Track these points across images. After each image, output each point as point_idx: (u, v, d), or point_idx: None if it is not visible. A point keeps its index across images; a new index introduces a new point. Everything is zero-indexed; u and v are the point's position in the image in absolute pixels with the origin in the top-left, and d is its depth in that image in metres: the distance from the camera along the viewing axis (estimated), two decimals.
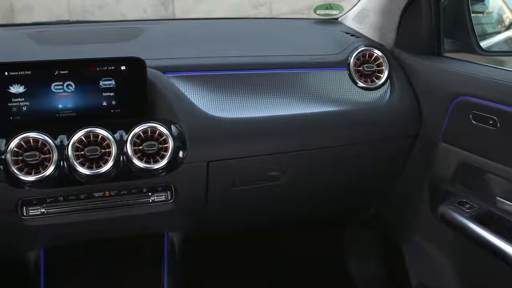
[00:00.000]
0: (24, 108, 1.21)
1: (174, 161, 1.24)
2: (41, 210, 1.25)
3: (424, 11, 1.47)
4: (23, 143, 1.16)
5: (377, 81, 1.45)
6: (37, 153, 1.16)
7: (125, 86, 1.24)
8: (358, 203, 1.71)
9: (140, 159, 1.21)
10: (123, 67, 1.24)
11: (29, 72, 1.20)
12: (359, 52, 1.46)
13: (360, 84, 1.44)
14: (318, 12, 1.73)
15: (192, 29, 1.73)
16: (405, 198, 1.61)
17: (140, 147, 1.21)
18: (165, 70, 1.32)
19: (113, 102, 1.25)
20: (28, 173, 1.16)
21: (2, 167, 1.16)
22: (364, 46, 1.48)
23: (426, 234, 1.56)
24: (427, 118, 1.44)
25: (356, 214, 1.83)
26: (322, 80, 1.42)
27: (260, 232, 1.84)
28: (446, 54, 1.51)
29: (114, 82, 1.24)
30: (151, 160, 1.22)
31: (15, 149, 1.16)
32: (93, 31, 1.65)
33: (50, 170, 1.17)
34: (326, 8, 1.72)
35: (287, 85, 1.39)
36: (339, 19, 1.76)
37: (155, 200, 1.31)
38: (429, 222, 1.50)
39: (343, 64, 1.45)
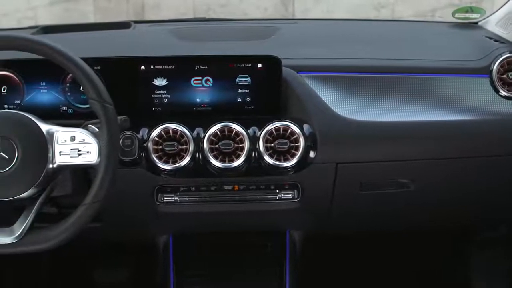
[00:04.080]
0: (165, 100, 1.27)
1: (303, 161, 1.24)
2: (175, 198, 1.30)
3: None
4: (163, 133, 1.22)
5: None
6: (175, 143, 1.21)
7: (260, 83, 1.27)
8: (490, 218, 1.61)
9: (271, 156, 1.22)
10: (259, 65, 1.26)
11: (172, 66, 1.26)
12: (503, 59, 1.37)
13: (503, 93, 1.35)
14: (457, 15, 1.63)
15: (320, 29, 1.73)
16: None
17: (272, 144, 1.23)
18: (299, 69, 1.32)
19: (248, 99, 1.28)
20: (166, 162, 1.22)
21: (143, 154, 1.22)
22: (510, 53, 1.38)
23: None
24: None
25: (487, 230, 1.73)
26: (460, 87, 1.35)
27: (379, 235, 1.79)
28: None
29: (250, 79, 1.27)
30: (281, 158, 1.23)
31: (156, 138, 1.22)
32: (226, 28, 1.70)
33: (186, 160, 1.22)
34: (467, 12, 1.61)
35: (421, 91, 1.34)
36: (480, 23, 1.66)
37: (282, 197, 1.32)
38: None
39: (485, 71, 1.37)
